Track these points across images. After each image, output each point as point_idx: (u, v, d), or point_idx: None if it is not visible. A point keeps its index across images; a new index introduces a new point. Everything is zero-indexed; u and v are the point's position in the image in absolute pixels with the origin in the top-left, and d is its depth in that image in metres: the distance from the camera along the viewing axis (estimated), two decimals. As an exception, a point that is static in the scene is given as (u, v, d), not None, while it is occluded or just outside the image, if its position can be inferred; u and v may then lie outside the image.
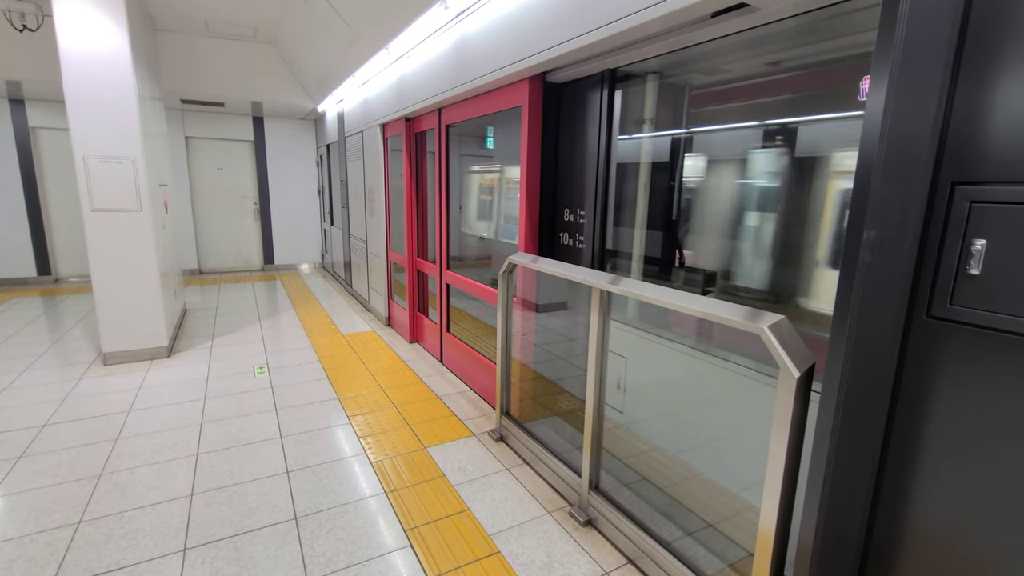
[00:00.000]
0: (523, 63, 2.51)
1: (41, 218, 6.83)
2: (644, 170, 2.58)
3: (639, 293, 1.79)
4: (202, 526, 2.15)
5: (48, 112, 6.62)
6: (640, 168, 2.59)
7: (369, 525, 2.19)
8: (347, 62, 4.87)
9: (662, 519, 2.15)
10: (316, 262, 9.01)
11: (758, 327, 1.34)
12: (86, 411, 3.19)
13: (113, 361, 3.99)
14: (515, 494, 2.43)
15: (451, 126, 3.79)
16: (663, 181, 2.58)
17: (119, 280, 3.93)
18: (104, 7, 3.61)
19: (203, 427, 3.01)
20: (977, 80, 1.06)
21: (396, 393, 3.59)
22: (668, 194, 2.60)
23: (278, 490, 2.41)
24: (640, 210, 2.59)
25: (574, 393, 2.92)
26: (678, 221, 2.63)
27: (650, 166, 2.57)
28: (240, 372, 3.91)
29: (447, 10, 3.00)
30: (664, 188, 2.59)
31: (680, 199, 2.59)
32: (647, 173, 2.57)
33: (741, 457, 2.06)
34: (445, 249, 4.01)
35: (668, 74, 2.47)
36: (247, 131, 8.05)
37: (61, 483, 2.44)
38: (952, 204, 1.10)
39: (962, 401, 1.12)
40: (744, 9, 1.63)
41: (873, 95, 1.10)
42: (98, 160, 3.72)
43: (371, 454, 2.76)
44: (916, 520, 1.21)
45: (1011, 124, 1.02)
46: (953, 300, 1.11)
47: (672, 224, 2.62)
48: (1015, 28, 1.00)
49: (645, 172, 2.57)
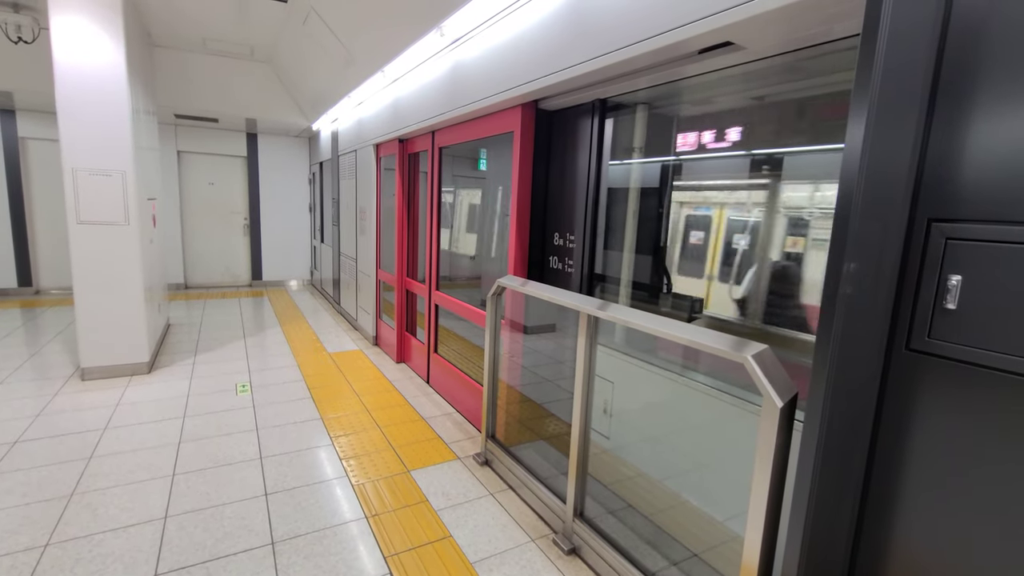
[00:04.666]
0: (516, 90, 2.56)
1: (25, 228, 6.73)
2: (633, 196, 2.62)
3: (626, 319, 1.80)
4: (175, 550, 2.09)
5: (38, 123, 6.59)
6: (629, 194, 2.63)
7: (348, 551, 2.13)
8: (343, 83, 4.94)
9: (647, 548, 2.13)
10: (305, 279, 8.95)
11: (742, 356, 1.35)
12: (60, 428, 3.10)
13: (91, 376, 3.90)
14: (499, 520, 2.39)
15: (444, 148, 3.83)
16: (652, 207, 2.62)
17: (102, 293, 3.87)
18: (102, 22, 3.64)
19: (181, 446, 2.94)
20: (951, 121, 1.10)
21: (381, 414, 3.54)
22: (656, 220, 2.65)
23: (256, 513, 2.35)
24: (629, 235, 2.62)
25: (561, 417, 2.90)
26: (666, 247, 2.66)
27: (639, 192, 2.61)
28: (222, 390, 3.84)
29: (443, 37, 3.06)
30: (653, 215, 2.63)
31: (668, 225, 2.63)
32: (636, 199, 2.61)
33: (727, 485, 2.05)
34: (435, 269, 4.01)
35: (657, 105, 2.54)
36: (240, 147, 8.07)
37: (30, 503, 2.36)
38: (929, 240, 1.14)
39: (942, 432, 1.13)
40: (730, 47, 1.68)
41: (852, 133, 1.13)
42: (87, 173, 3.70)
43: (353, 477, 2.71)
44: (899, 548, 1.21)
45: (983, 164, 1.06)
46: (931, 334, 1.14)
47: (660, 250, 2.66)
48: (986, 72, 1.05)
49: (634, 198, 2.62)
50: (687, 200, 2.53)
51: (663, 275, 2.67)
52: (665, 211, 2.65)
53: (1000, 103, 1.03)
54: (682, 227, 2.49)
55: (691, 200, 2.51)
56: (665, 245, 2.66)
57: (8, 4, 4.57)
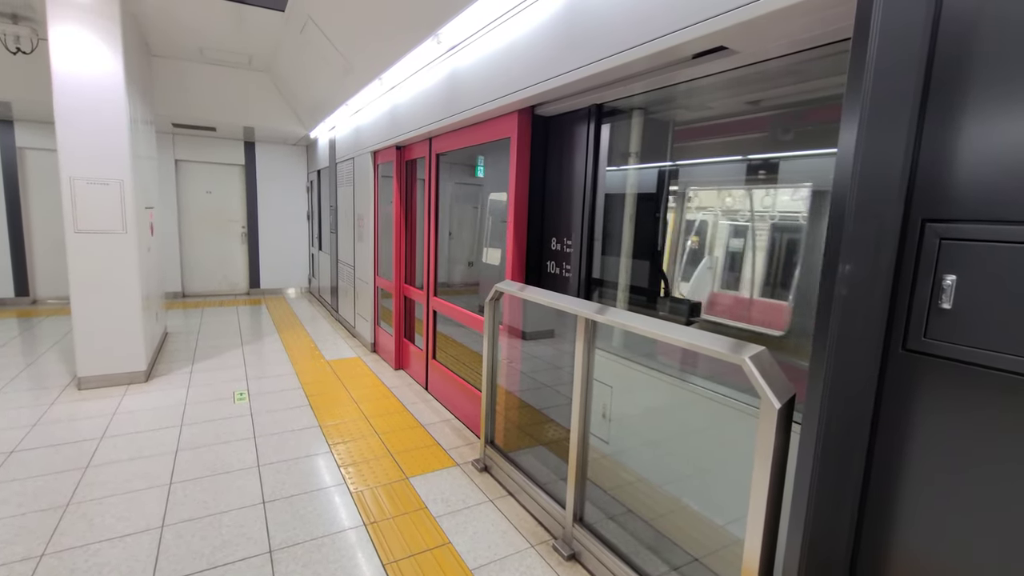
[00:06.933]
0: (512, 96, 2.57)
1: (23, 238, 6.73)
2: (630, 201, 2.63)
3: (624, 323, 1.80)
4: (172, 560, 2.07)
5: (36, 133, 6.60)
6: (626, 199, 2.64)
7: (347, 559, 2.12)
8: (340, 91, 4.96)
9: (648, 553, 2.11)
10: (303, 287, 8.94)
11: (739, 358, 1.35)
12: (57, 438, 3.08)
13: (88, 385, 3.89)
14: (498, 527, 2.38)
15: (442, 155, 3.84)
16: (648, 212, 2.63)
17: (99, 302, 3.86)
18: (100, 32, 3.66)
19: (178, 455, 2.93)
20: (943, 122, 1.11)
21: (379, 421, 3.53)
22: (653, 225, 2.65)
23: (253, 522, 2.34)
24: (626, 240, 2.63)
25: (560, 422, 2.89)
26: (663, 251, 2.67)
27: (635, 197, 2.62)
28: (219, 398, 3.82)
29: (439, 44, 3.08)
30: (649, 219, 2.64)
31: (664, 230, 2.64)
32: (632, 204, 2.62)
33: (727, 488, 2.05)
34: (433, 275, 4.01)
35: (653, 110, 2.55)
36: (238, 155, 8.08)
37: (26, 513, 2.34)
38: (923, 241, 1.14)
39: (940, 431, 1.13)
40: (723, 52, 1.70)
41: (844, 134, 1.14)
42: (85, 181, 3.70)
43: (351, 484, 2.69)
44: (899, 548, 1.21)
45: (975, 165, 1.07)
46: (927, 334, 1.14)
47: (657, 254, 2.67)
48: (977, 72, 1.06)
49: (631, 203, 2.63)
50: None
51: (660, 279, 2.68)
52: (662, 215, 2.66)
53: (992, 103, 1.04)
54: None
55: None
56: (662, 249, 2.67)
57: (7, 15, 4.60)
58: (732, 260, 2.38)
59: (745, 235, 2.27)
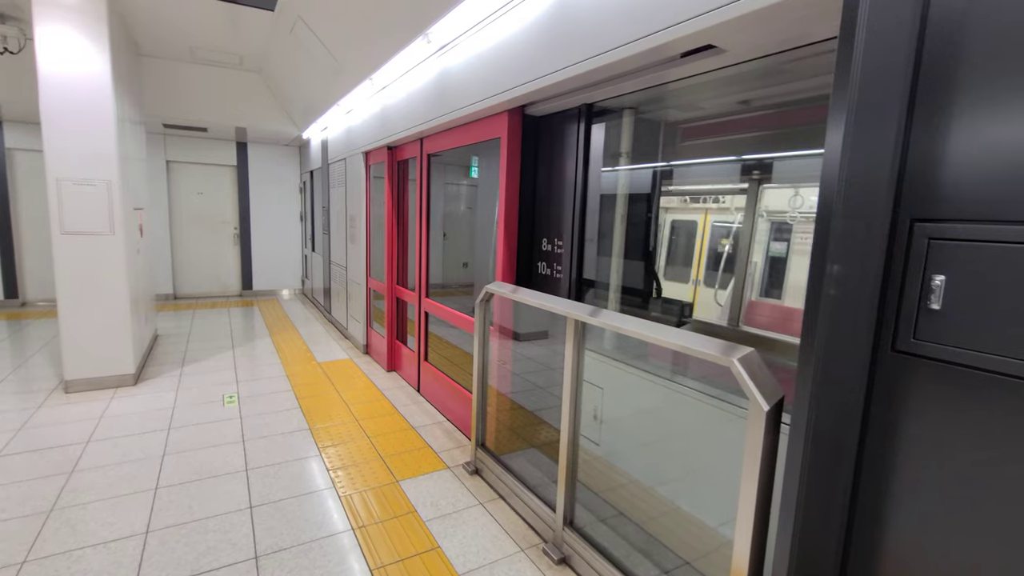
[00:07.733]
0: (502, 96, 2.55)
1: (11, 240, 6.65)
2: (621, 201, 2.61)
3: (613, 324, 1.78)
4: (155, 566, 2.03)
5: (25, 133, 6.53)
6: (617, 199, 2.62)
7: (333, 564, 2.09)
8: (332, 91, 4.93)
9: (638, 556, 2.10)
10: (296, 288, 8.89)
11: (728, 360, 1.33)
12: (42, 442, 3.04)
13: (75, 389, 3.84)
14: (488, 531, 2.36)
15: (433, 155, 3.82)
16: (640, 212, 2.62)
17: (86, 305, 3.81)
18: (87, 32, 3.62)
19: (164, 459, 2.89)
20: (931, 121, 1.10)
21: (370, 424, 3.50)
22: (645, 225, 2.64)
23: (239, 527, 2.30)
24: (617, 240, 2.61)
25: (551, 424, 2.87)
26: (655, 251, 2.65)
27: (627, 198, 2.61)
28: (209, 401, 3.78)
29: (429, 44, 3.06)
30: (641, 219, 2.62)
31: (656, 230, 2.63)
32: (624, 204, 2.61)
33: (718, 490, 2.03)
34: (425, 277, 3.99)
35: (644, 110, 2.54)
36: (230, 156, 8.03)
37: (8, 519, 2.30)
38: (912, 241, 1.13)
39: (930, 433, 1.12)
40: (712, 50, 1.68)
41: (832, 134, 1.13)
42: (71, 183, 3.66)
43: (340, 488, 2.66)
44: (889, 549, 1.19)
45: (964, 165, 1.05)
46: (916, 335, 1.12)
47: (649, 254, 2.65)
48: (965, 72, 1.04)
49: (622, 203, 2.61)
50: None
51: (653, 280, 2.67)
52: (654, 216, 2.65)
53: (981, 102, 1.03)
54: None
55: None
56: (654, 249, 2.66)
57: (-7, 14, 4.54)
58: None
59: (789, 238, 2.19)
